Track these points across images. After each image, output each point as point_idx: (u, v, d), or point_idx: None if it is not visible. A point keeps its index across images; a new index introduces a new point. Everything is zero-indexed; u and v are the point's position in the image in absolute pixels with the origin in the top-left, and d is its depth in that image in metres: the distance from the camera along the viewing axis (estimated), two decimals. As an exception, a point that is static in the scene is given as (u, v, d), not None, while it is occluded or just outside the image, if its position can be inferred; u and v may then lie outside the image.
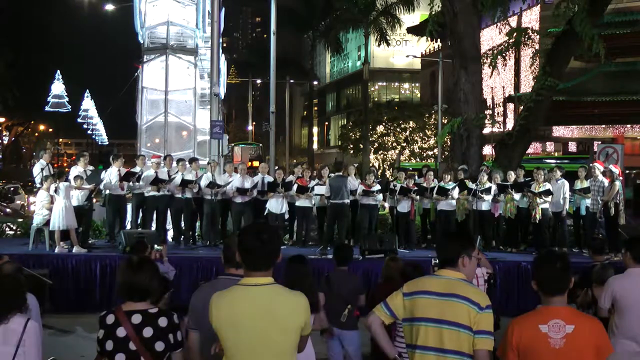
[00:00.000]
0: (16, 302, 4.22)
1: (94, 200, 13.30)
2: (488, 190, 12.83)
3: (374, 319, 3.88)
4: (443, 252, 3.92)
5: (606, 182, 12.60)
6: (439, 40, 35.95)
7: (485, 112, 23.00)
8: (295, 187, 12.98)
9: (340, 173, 13.03)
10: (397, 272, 6.59)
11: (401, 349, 4.34)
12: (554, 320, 3.51)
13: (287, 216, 13.46)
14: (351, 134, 44.72)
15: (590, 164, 13.70)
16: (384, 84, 60.51)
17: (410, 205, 13.16)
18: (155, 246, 9.15)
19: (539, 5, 33.78)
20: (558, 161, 21.10)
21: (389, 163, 40.48)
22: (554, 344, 3.47)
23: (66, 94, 70.79)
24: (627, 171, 20.32)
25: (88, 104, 79.70)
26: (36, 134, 73.66)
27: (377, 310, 3.89)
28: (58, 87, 69.79)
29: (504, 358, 3.63)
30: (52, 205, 11.42)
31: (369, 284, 9.43)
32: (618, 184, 12.49)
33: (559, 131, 33.14)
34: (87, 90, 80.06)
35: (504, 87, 36.35)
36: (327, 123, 67.59)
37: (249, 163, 31.17)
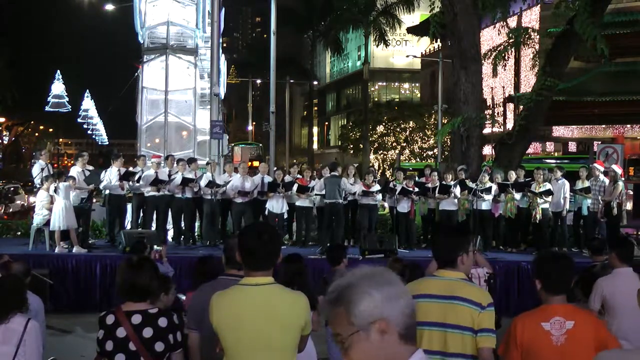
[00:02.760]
0: (17, 302, 4.23)
1: (94, 200, 13.30)
2: (488, 190, 12.83)
3: None
4: (442, 253, 3.88)
5: (607, 182, 12.60)
6: (439, 40, 35.89)
7: (485, 112, 23.00)
8: (295, 186, 13.00)
9: (335, 173, 13.00)
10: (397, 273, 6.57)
11: None
12: (555, 317, 3.56)
13: (285, 216, 13.47)
14: (351, 134, 44.72)
15: (591, 165, 13.70)
16: (384, 84, 60.47)
17: (410, 205, 13.17)
18: (155, 246, 9.15)
19: (539, 5, 33.73)
20: (558, 161, 21.08)
21: (389, 163, 40.48)
22: (555, 341, 3.51)
23: (66, 94, 70.85)
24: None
25: (88, 104, 79.79)
26: (36, 134, 73.66)
27: None
28: (58, 87, 69.87)
29: (506, 356, 3.65)
30: (52, 205, 11.42)
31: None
32: (621, 184, 12.50)
33: (559, 131, 33.09)
34: (87, 90, 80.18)
35: (504, 87, 36.30)
36: (327, 123, 67.56)
37: (249, 163, 31.13)
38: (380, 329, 1.82)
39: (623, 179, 12.87)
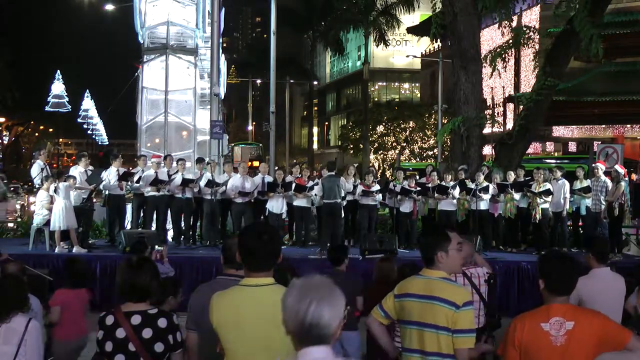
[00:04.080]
0: (18, 302, 4.23)
1: (94, 200, 13.30)
2: (486, 189, 12.83)
3: (372, 322, 4.02)
4: (422, 251, 3.99)
5: (609, 182, 12.60)
6: (439, 40, 35.89)
7: (485, 112, 22.98)
8: (293, 186, 12.99)
9: (333, 173, 12.96)
10: (389, 273, 6.60)
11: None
12: (555, 318, 3.54)
13: (284, 216, 13.46)
14: (351, 134, 44.72)
15: (593, 164, 13.69)
16: (384, 84, 60.48)
17: (413, 205, 13.17)
18: (156, 247, 9.14)
19: (539, 5, 33.75)
20: (558, 161, 21.08)
21: (389, 163, 40.49)
22: (555, 341, 3.50)
23: (66, 94, 70.77)
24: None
25: (88, 104, 79.68)
26: (36, 134, 73.66)
27: (374, 313, 4.02)
28: (58, 87, 69.78)
29: (505, 356, 3.65)
30: (52, 205, 11.41)
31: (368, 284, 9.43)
32: (623, 184, 12.49)
33: (559, 131, 33.12)
34: (87, 90, 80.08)
35: (504, 87, 36.31)
36: (327, 123, 67.57)
37: (249, 163, 31.08)
38: None
39: (626, 179, 12.86)
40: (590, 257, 5.46)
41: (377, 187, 13.26)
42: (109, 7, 27.10)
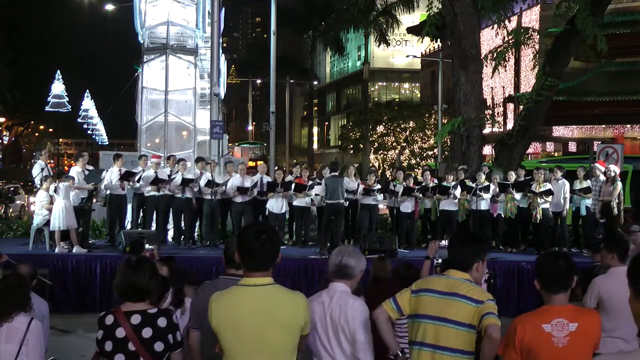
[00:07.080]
0: (20, 301, 4.23)
1: (94, 200, 13.30)
2: (486, 189, 12.83)
3: (381, 313, 3.95)
4: (458, 256, 3.96)
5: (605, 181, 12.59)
6: (439, 40, 35.88)
7: (485, 112, 22.98)
8: (293, 186, 12.99)
9: (336, 173, 12.93)
10: (385, 272, 6.64)
11: (402, 345, 4.38)
12: (557, 319, 3.53)
13: (287, 216, 13.46)
14: (351, 134, 44.73)
15: (592, 164, 13.69)
16: (384, 84, 60.50)
17: (414, 205, 13.16)
18: (147, 245, 9.07)
19: (539, 5, 33.75)
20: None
21: (389, 163, 40.50)
22: (557, 342, 3.49)
23: (66, 94, 70.65)
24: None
25: (88, 104, 79.50)
26: (36, 134, 73.65)
27: (385, 305, 3.96)
28: (58, 87, 69.59)
29: (506, 356, 3.65)
30: (52, 205, 11.41)
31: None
32: (620, 184, 12.48)
33: (559, 131, 33.12)
34: (87, 90, 79.95)
35: (504, 87, 36.32)
36: (327, 123, 67.57)
37: (254, 163, 31.01)
38: None
39: (619, 179, 12.86)
40: (615, 256, 5.46)
41: (378, 186, 13.27)
42: (109, 7, 27.10)
